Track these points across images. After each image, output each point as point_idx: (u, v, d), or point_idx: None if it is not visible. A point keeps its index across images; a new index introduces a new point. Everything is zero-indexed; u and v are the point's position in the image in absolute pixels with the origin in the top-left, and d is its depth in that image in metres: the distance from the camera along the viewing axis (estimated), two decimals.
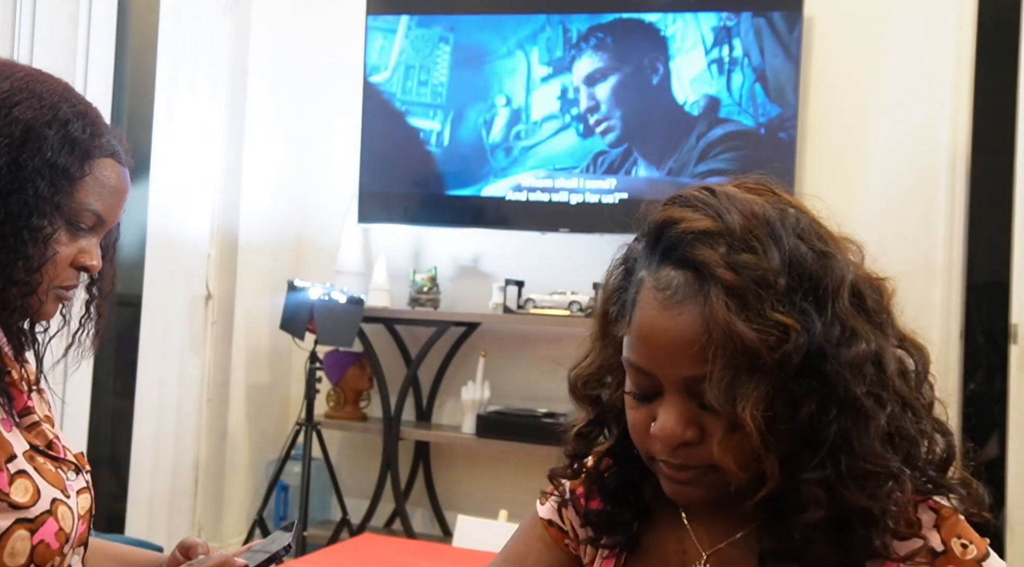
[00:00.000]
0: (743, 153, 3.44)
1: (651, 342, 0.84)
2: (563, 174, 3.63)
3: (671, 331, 0.83)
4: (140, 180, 3.51)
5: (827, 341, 0.81)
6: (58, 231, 1.10)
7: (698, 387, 0.83)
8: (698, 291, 0.82)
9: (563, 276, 3.64)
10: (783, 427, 0.81)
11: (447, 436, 3.79)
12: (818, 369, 0.81)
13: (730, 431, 0.82)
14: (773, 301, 0.81)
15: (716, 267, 0.81)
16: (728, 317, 0.80)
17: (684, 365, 0.83)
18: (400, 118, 3.83)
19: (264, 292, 3.89)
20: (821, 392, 0.81)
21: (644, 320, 0.85)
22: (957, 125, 3.26)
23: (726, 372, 0.80)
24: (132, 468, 3.40)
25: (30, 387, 1.20)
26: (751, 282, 0.81)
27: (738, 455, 0.82)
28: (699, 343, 0.81)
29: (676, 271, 0.84)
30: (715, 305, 0.80)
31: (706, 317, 0.81)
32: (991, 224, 3.28)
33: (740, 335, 0.79)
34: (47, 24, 2.91)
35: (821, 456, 0.81)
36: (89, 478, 1.19)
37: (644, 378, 0.86)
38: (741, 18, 3.44)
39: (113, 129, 1.17)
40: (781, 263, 0.82)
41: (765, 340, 0.79)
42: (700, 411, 0.84)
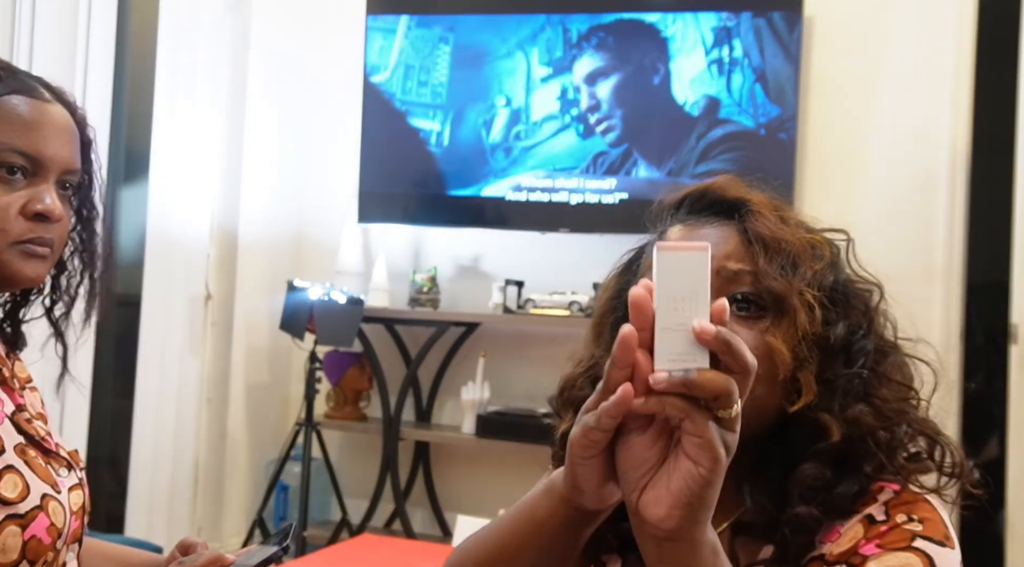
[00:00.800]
0: (743, 154, 3.44)
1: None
2: (563, 174, 3.63)
3: (710, 235, 0.91)
4: (140, 180, 3.51)
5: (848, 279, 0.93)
6: None
7: (729, 289, 0.88)
8: (729, 216, 0.93)
9: (563, 276, 3.64)
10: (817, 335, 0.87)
11: (447, 436, 3.79)
12: (845, 299, 0.91)
13: (778, 320, 0.87)
14: (800, 228, 0.93)
15: (746, 192, 0.93)
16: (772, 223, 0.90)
17: (726, 259, 0.89)
18: (400, 118, 3.83)
19: (264, 292, 3.88)
20: (852, 316, 0.91)
21: (677, 237, 0.94)
22: (957, 125, 3.26)
23: (773, 265, 0.88)
24: (132, 468, 3.40)
25: (22, 385, 1.19)
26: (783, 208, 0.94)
27: (787, 341, 0.86)
28: (739, 245, 0.90)
29: (706, 216, 0.94)
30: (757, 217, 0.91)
31: (747, 227, 0.91)
32: (991, 224, 3.27)
33: (782, 236, 0.89)
34: (47, 24, 2.91)
35: (859, 366, 0.89)
36: (83, 476, 1.18)
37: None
38: (741, 18, 3.44)
39: (28, 73, 1.12)
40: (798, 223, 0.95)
41: (802, 250, 0.89)
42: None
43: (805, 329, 0.86)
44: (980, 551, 3.13)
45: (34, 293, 1.20)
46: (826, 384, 0.87)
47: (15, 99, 1.06)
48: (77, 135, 1.12)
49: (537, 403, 3.63)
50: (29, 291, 1.19)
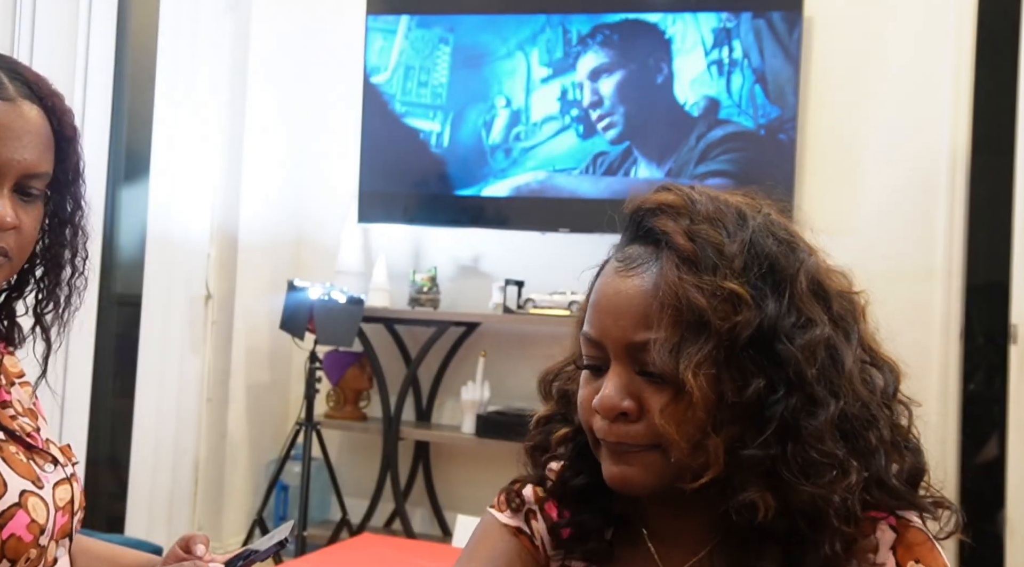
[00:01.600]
0: (743, 154, 3.44)
1: (602, 307, 0.85)
2: (563, 174, 3.63)
3: (621, 294, 0.84)
4: (140, 180, 3.51)
5: (780, 322, 0.81)
6: None
7: (642, 356, 0.82)
8: (654, 259, 0.84)
9: (563, 276, 3.64)
10: (730, 402, 0.80)
11: (447, 436, 3.79)
12: (769, 348, 0.80)
13: (674, 399, 0.81)
14: (727, 272, 0.81)
15: (674, 235, 0.83)
16: (678, 279, 0.81)
17: (629, 329, 0.83)
18: (400, 118, 3.83)
19: (264, 292, 3.89)
20: (771, 372, 0.80)
21: (600, 288, 0.87)
22: (957, 125, 3.26)
23: (672, 334, 0.80)
24: (132, 468, 3.40)
25: (11, 381, 1.17)
26: (707, 252, 0.82)
27: (681, 424, 0.80)
28: (647, 306, 0.82)
29: (639, 246, 0.87)
30: (666, 268, 0.82)
31: (657, 281, 0.82)
32: (991, 224, 3.27)
33: (688, 298, 0.80)
34: (47, 24, 2.91)
35: (766, 436, 0.80)
36: (74, 471, 1.17)
37: (595, 349, 0.86)
38: (741, 19, 3.44)
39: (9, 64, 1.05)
40: (741, 243, 0.83)
41: (714, 307, 0.79)
42: (642, 383, 0.83)
43: (709, 401, 0.80)
44: (980, 551, 3.13)
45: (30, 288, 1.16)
46: (734, 459, 0.81)
47: None
48: (47, 133, 1.06)
49: (537, 403, 3.63)
50: (24, 285, 1.16)
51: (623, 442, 0.84)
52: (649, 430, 0.83)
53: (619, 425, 0.84)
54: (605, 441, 0.86)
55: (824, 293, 0.85)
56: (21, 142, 1.02)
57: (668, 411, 0.81)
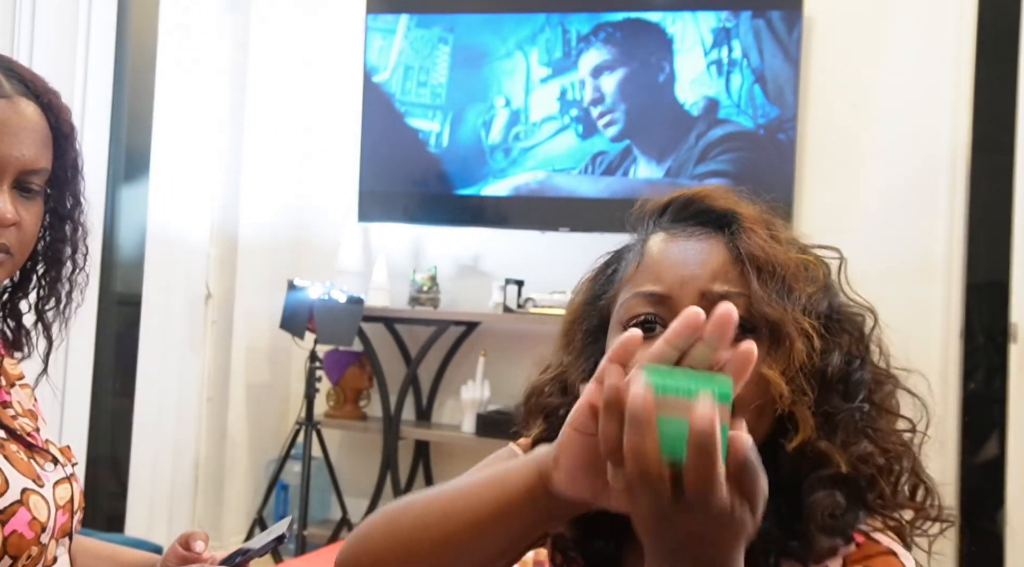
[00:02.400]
0: (742, 154, 3.44)
1: (671, 262, 0.85)
2: (562, 174, 3.63)
3: (693, 249, 0.85)
4: (140, 180, 3.51)
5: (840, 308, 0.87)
6: None
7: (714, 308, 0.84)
8: (720, 230, 0.86)
9: (563, 275, 3.63)
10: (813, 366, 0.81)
11: (447, 435, 3.79)
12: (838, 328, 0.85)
13: (774, 347, 0.81)
14: (794, 247, 0.87)
15: (740, 206, 0.87)
16: (763, 240, 0.84)
17: (706, 278, 0.83)
18: (400, 118, 3.83)
19: (264, 291, 3.89)
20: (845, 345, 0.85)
21: (659, 249, 0.87)
22: (957, 125, 3.26)
23: (767, 288, 0.82)
24: (132, 467, 3.40)
25: (11, 382, 1.18)
26: (775, 222, 0.88)
27: (784, 372, 0.80)
28: (725, 263, 0.84)
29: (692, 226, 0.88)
30: (747, 233, 0.84)
31: (736, 243, 0.84)
32: (991, 224, 3.27)
33: (774, 255, 0.83)
34: (47, 24, 2.91)
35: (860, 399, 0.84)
36: (73, 471, 1.17)
37: (655, 306, 0.84)
38: (740, 18, 3.44)
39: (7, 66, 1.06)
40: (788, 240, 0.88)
41: (795, 271, 0.83)
42: None
43: (802, 359, 0.80)
44: (980, 551, 3.13)
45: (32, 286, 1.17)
46: (825, 418, 0.82)
47: None
48: (45, 130, 1.06)
49: None
50: (27, 283, 1.16)
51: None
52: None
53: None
54: None
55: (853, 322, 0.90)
56: (19, 138, 1.02)
57: (771, 358, 0.81)
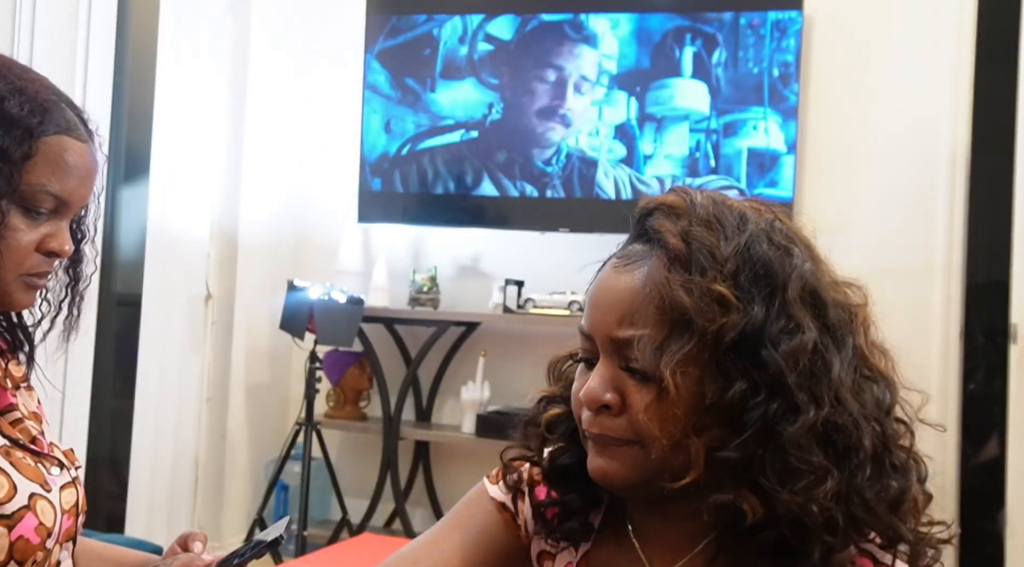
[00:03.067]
0: (743, 154, 3.44)
1: (594, 301, 0.88)
2: (563, 174, 3.63)
3: (611, 290, 0.86)
4: (140, 180, 3.51)
5: (767, 327, 0.81)
6: (9, 218, 1.03)
7: (627, 352, 0.84)
8: (648, 258, 0.85)
9: (563, 276, 3.64)
10: (711, 404, 0.81)
11: (447, 436, 3.79)
12: (754, 352, 0.80)
13: (657, 398, 0.82)
14: (716, 275, 0.81)
15: (667, 234, 0.84)
16: (665, 278, 0.82)
17: (614, 324, 0.84)
18: (400, 118, 3.83)
19: (264, 292, 3.89)
20: (754, 375, 0.80)
21: (596, 283, 0.90)
22: (957, 125, 3.26)
23: (656, 332, 0.82)
24: (132, 468, 3.40)
25: (16, 384, 1.18)
26: (698, 254, 0.82)
27: (663, 423, 0.81)
28: (635, 303, 0.84)
29: (639, 244, 0.88)
30: (655, 267, 0.83)
31: (645, 279, 0.84)
32: (991, 224, 3.27)
33: (672, 297, 0.81)
34: (47, 24, 2.91)
35: (744, 438, 0.80)
36: (77, 475, 1.18)
37: (587, 342, 0.88)
38: (741, 18, 3.44)
39: (70, 101, 1.10)
40: (735, 246, 0.83)
41: (699, 308, 0.80)
42: (626, 378, 0.85)
43: (690, 401, 0.80)
44: (980, 551, 3.13)
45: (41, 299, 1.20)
46: (714, 461, 0.81)
47: (63, 141, 1.06)
48: (99, 171, 1.13)
49: None
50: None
51: (604, 434, 0.86)
52: (630, 425, 0.84)
53: (602, 417, 0.86)
54: (588, 432, 0.88)
55: (819, 301, 0.84)
56: (88, 181, 1.10)
57: (651, 409, 0.82)
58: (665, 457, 0.83)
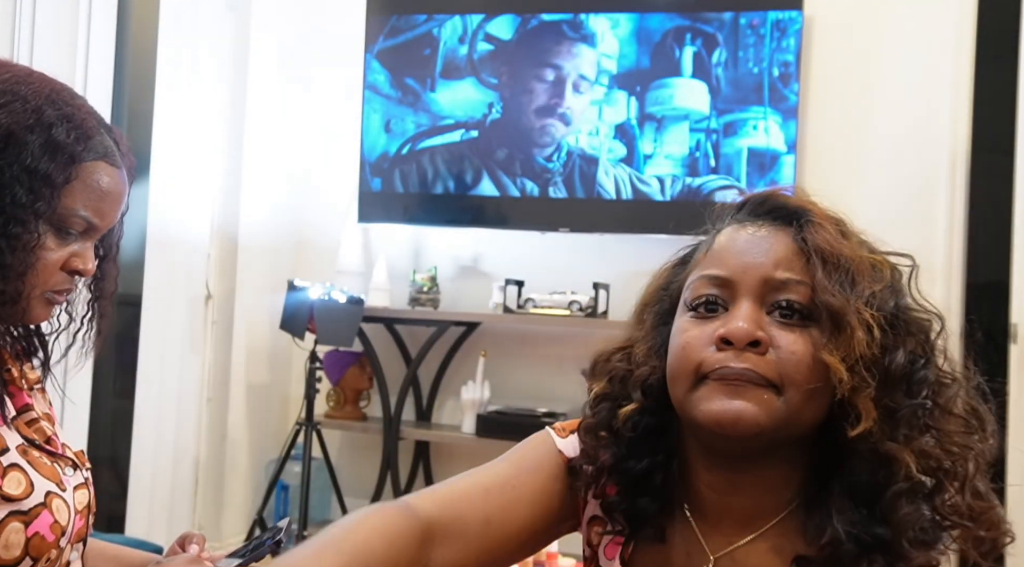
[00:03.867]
0: (743, 154, 3.44)
1: (738, 247, 0.89)
2: (563, 174, 3.63)
3: (760, 238, 0.88)
4: (140, 180, 3.50)
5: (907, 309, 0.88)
6: (43, 238, 1.07)
7: (779, 294, 0.85)
8: (789, 226, 0.89)
9: (563, 276, 3.64)
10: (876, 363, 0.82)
11: (447, 436, 3.79)
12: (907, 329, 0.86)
13: (835, 335, 0.83)
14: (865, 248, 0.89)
15: (813, 208, 0.90)
16: (830, 234, 0.86)
17: (770, 265, 0.86)
18: (400, 118, 3.83)
19: (264, 292, 3.89)
20: (910, 345, 0.85)
21: (727, 237, 0.91)
22: (957, 125, 3.26)
23: (831, 278, 0.84)
24: (132, 468, 3.40)
25: (31, 386, 1.20)
26: (845, 223, 0.91)
27: (845, 357, 0.82)
28: (791, 253, 0.86)
29: (764, 221, 0.91)
30: (815, 228, 0.87)
31: (804, 237, 0.86)
32: (991, 224, 3.27)
33: (841, 249, 0.85)
34: (47, 24, 2.91)
35: (922, 397, 0.84)
36: (89, 476, 1.20)
37: (718, 288, 0.88)
38: (741, 18, 3.44)
39: (109, 127, 1.14)
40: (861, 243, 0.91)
41: (862, 265, 0.85)
42: (769, 322, 0.85)
43: (863, 350, 0.82)
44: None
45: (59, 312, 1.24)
46: (887, 412, 0.83)
47: (99, 167, 1.10)
48: (127, 194, 1.17)
49: (537, 402, 3.64)
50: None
51: (749, 370, 0.84)
52: (775, 365, 0.84)
53: (748, 353, 0.84)
54: (724, 371, 0.85)
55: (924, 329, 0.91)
56: (117, 205, 1.14)
57: (831, 347, 0.82)
58: (798, 406, 0.84)
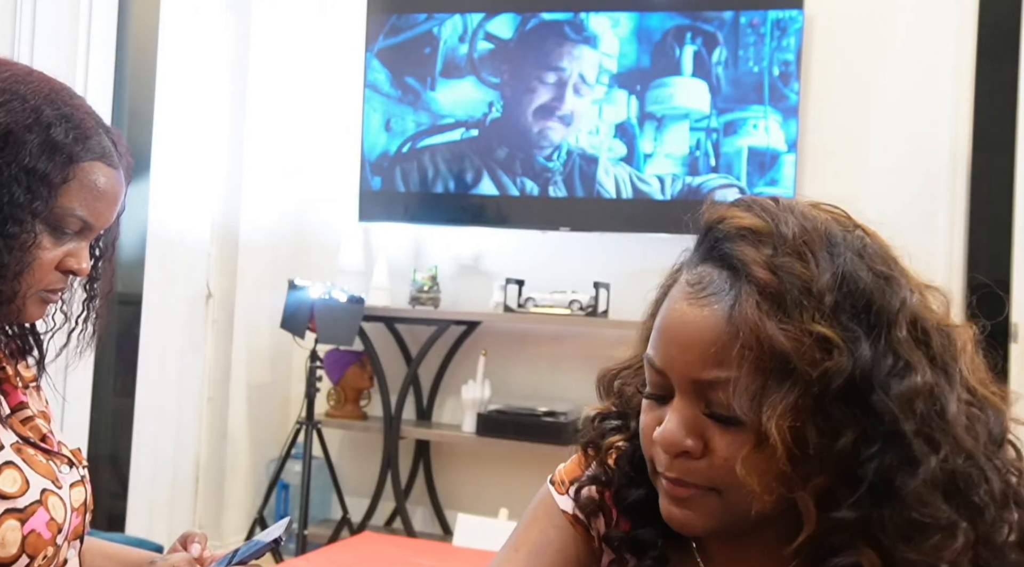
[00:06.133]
0: (743, 154, 3.44)
1: (669, 335, 0.79)
2: (563, 173, 3.63)
3: (691, 325, 0.77)
4: (140, 179, 3.51)
5: (876, 368, 0.73)
6: (39, 237, 1.07)
7: (710, 394, 0.76)
8: (730, 289, 0.76)
9: (563, 275, 3.64)
10: (815, 458, 0.73)
11: (447, 435, 3.79)
12: (862, 398, 0.73)
13: (755, 448, 0.73)
14: (815, 313, 0.73)
15: (753, 266, 0.75)
16: (758, 317, 0.73)
17: (698, 365, 0.76)
18: (400, 117, 3.83)
19: (264, 291, 3.89)
20: (864, 422, 0.73)
21: (667, 312, 0.80)
22: (958, 125, 3.26)
23: (752, 378, 0.73)
24: (132, 467, 3.40)
25: (26, 384, 1.20)
26: (792, 288, 0.74)
27: (763, 476, 0.74)
28: (720, 343, 0.75)
29: (713, 268, 0.78)
30: (745, 304, 0.74)
31: (734, 316, 0.74)
32: (991, 224, 3.28)
33: (770, 338, 0.72)
34: (47, 24, 2.91)
35: (859, 495, 0.73)
36: (86, 473, 1.20)
37: (659, 377, 0.80)
38: (741, 17, 3.44)
39: (108, 128, 1.14)
40: (832, 278, 0.74)
41: (800, 350, 0.72)
42: (707, 421, 0.77)
43: (783, 467, 0.72)
44: None
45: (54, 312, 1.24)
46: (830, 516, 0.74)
47: (96, 167, 1.10)
48: (124, 194, 1.17)
49: (538, 401, 3.64)
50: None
51: (683, 480, 0.79)
52: (711, 471, 0.77)
53: (680, 461, 0.79)
54: (664, 476, 0.80)
55: (926, 335, 0.76)
56: (114, 206, 1.14)
57: (749, 461, 0.74)
58: (745, 504, 0.76)
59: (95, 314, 1.24)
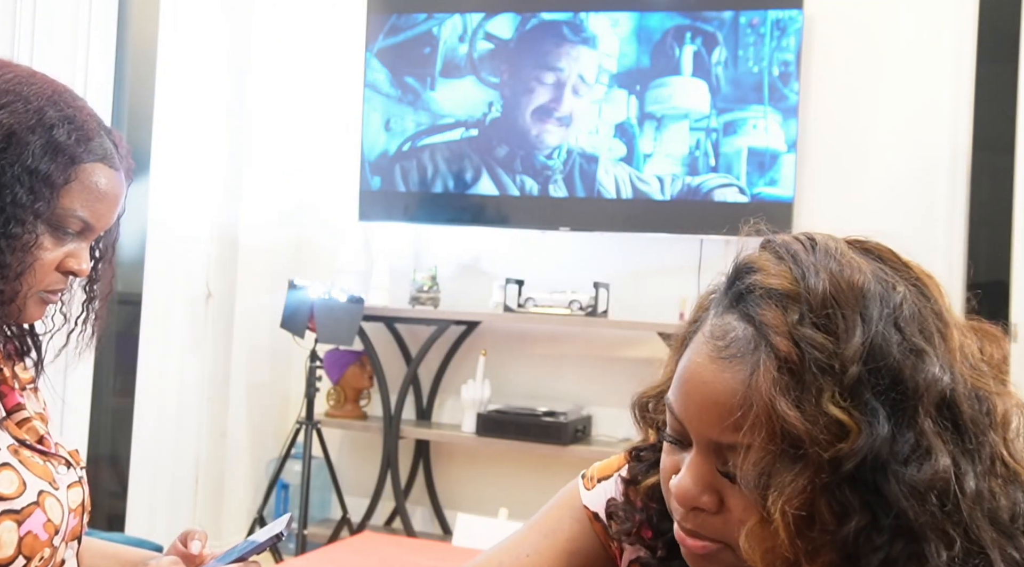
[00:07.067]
0: (743, 154, 3.44)
1: (687, 390, 0.76)
2: (563, 173, 3.63)
3: (710, 386, 0.74)
4: (140, 179, 3.51)
5: (892, 453, 0.69)
6: (41, 238, 1.08)
7: (727, 454, 0.74)
8: (752, 351, 0.72)
9: (563, 275, 3.64)
10: (822, 536, 0.70)
11: (447, 435, 3.79)
12: (875, 483, 0.69)
13: (760, 523, 0.71)
14: (835, 391, 0.69)
15: (776, 334, 0.71)
16: (772, 394, 0.69)
17: (716, 427, 0.73)
18: (400, 117, 3.83)
19: (264, 291, 3.89)
20: (874, 509, 0.69)
21: (688, 365, 0.77)
22: (958, 125, 3.27)
23: (763, 454, 0.70)
24: (132, 467, 3.40)
25: (23, 386, 1.20)
26: (813, 364, 0.69)
27: (766, 553, 0.71)
28: (736, 410, 0.72)
29: (739, 322, 0.75)
30: (761, 376, 0.70)
31: (751, 387, 0.71)
32: (991, 224, 3.28)
33: (783, 419, 0.69)
34: (47, 24, 2.91)
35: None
36: (83, 474, 1.20)
37: (678, 424, 0.78)
38: (741, 16, 3.44)
39: (109, 130, 1.15)
40: (860, 348, 0.70)
41: (813, 433, 0.68)
42: (723, 479, 0.75)
43: (784, 551, 0.70)
44: None
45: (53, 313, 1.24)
46: None
47: (98, 169, 1.11)
48: (125, 196, 1.18)
49: (537, 401, 3.64)
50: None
51: (698, 533, 0.78)
52: (726, 527, 0.76)
53: (695, 514, 0.77)
54: (681, 526, 0.79)
55: (954, 410, 0.71)
56: (114, 207, 1.15)
57: (753, 536, 0.72)
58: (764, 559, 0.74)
59: (94, 315, 1.24)
